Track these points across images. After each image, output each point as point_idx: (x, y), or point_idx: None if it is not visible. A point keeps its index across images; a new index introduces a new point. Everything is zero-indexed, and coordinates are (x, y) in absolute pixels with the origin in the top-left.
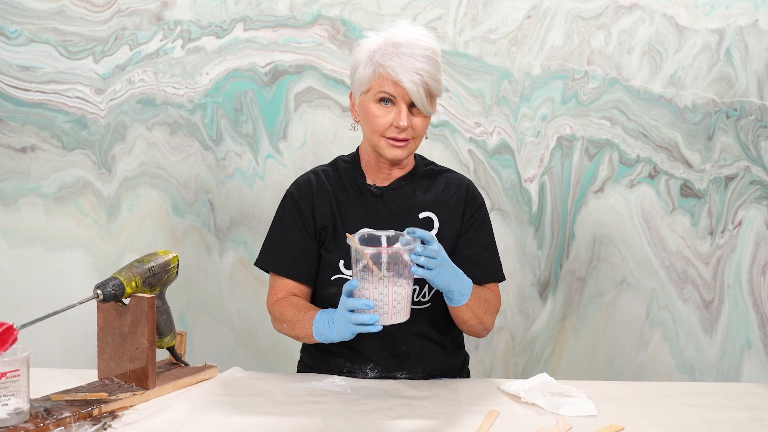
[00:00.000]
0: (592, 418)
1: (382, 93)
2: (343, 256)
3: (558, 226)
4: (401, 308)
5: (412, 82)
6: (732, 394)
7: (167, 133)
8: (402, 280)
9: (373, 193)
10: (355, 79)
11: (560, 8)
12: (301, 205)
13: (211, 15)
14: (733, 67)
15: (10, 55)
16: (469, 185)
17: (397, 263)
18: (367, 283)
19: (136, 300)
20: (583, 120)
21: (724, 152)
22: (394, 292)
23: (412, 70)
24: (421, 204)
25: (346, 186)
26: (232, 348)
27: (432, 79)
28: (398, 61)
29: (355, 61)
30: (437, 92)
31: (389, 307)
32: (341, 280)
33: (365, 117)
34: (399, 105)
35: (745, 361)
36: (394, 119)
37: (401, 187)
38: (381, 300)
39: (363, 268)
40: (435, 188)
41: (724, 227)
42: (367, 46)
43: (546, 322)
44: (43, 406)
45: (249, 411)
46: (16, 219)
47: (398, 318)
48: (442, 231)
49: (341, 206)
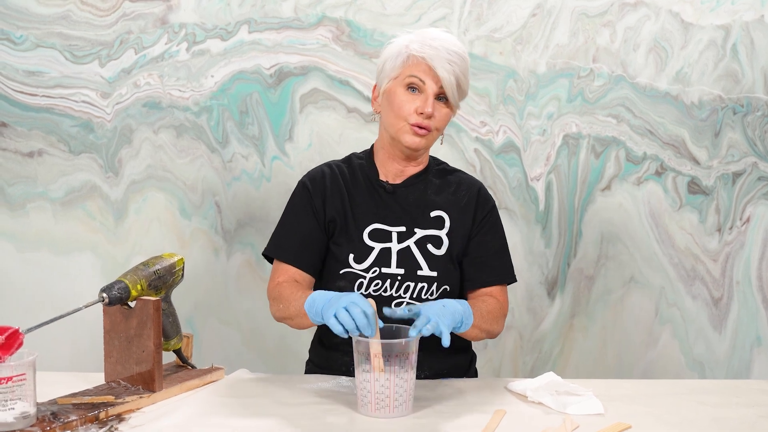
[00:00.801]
0: (599, 417)
1: (412, 78)
2: (352, 250)
3: (565, 225)
4: (403, 401)
5: (445, 70)
6: (741, 391)
7: (173, 136)
8: (404, 373)
9: (386, 189)
10: (384, 69)
11: (565, 6)
12: (313, 194)
13: (215, 18)
14: (739, 63)
15: (17, 60)
16: (481, 187)
17: (399, 355)
18: (368, 375)
19: (142, 303)
20: (589, 118)
21: (732, 148)
22: (396, 385)
23: (446, 60)
24: (433, 203)
25: (359, 181)
26: (239, 350)
27: (462, 74)
28: (435, 51)
29: (386, 55)
30: (465, 89)
31: (390, 399)
32: (350, 274)
33: (390, 103)
34: (426, 93)
35: (755, 358)
36: (420, 105)
37: (414, 184)
38: (382, 393)
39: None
40: (447, 188)
41: (732, 224)
42: (399, 42)
43: (554, 320)
44: (50, 410)
45: (256, 413)
46: (23, 223)
47: (400, 412)
48: (452, 230)
49: (353, 200)
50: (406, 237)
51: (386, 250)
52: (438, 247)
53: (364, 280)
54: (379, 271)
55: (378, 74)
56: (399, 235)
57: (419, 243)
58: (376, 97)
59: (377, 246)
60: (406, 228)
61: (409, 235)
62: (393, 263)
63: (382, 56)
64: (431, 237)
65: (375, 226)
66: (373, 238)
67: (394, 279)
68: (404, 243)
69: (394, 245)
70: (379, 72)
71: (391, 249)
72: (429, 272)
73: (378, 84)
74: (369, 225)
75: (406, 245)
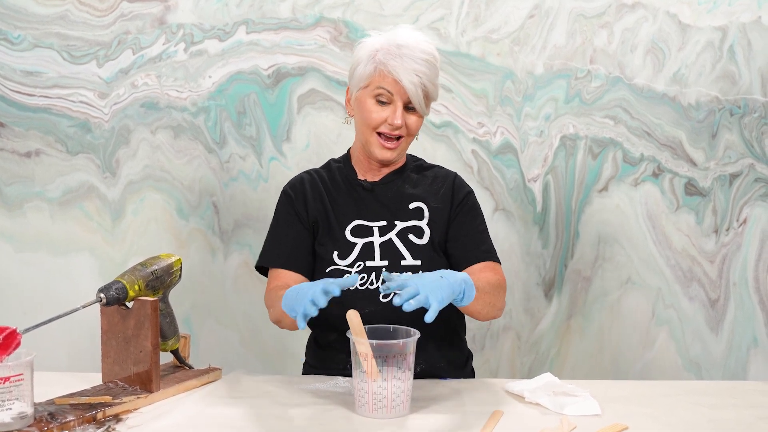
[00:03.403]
0: (596, 418)
1: (380, 90)
2: (336, 248)
3: (562, 226)
4: (401, 402)
5: (411, 82)
6: (737, 392)
7: (171, 136)
8: (402, 374)
9: (364, 187)
10: (354, 75)
11: (562, 7)
12: (295, 200)
13: (213, 18)
14: (736, 64)
15: (14, 60)
16: (456, 176)
17: (396, 356)
18: (365, 375)
19: (140, 303)
20: (586, 119)
21: (729, 150)
22: (394, 386)
23: (413, 72)
24: (411, 195)
25: (338, 183)
26: (237, 350)
27: (430, 82)
28: (400, 62)
29: (356, 58)
30: (433, 95)
31: (388, 400)
32: (336, 271)
33: (360, 111)
34: (395, 103)
35: (752, 359)
36: (389, 117)
37: (392, 181)
38: (379, 393)
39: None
40: (424, 181)
41: (729, 225)
42: (369, 45)
43: (551, 321)
44: (47, 410)
45: (253, 413)
46: (21, 224)
47: (397, 412)
48: (432, 219)
49: (333, 201)
50: (387, 230)
51: (369, 244)
52: (420, 237)
53: (350, 275)
54: (363, 265)
55: (350, 77)
56: (380, 229)
57: (401, 234)
58: (349, 100)
59: (360, 241)
60: (387, 222)
61: (390, 228)
62: (376, 256)
63: (354, 57)
64: (412, 228)
65: (356, 222)
66: (356, 234)
67: (379, 271)
68: (386, 236)
69: (376, 239)
70: (351, 75)
71: (373, 243)
72: (413, 261)
73: (350, 87)
74: (350, 222)
75: (388, 238)
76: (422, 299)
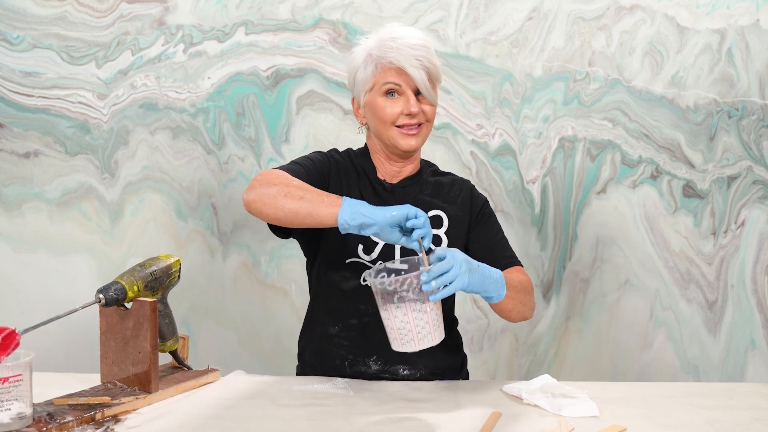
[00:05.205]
0: (594, 419)
1: (387, 84)
2: (361, 241)
3: (561, 228)
4: (427, 333)
5: (413, 66)
6: (735, 394)
7: (170, 137)
8: (420, 305)
9: (384, 187)
10: (355, 82)
11: (561, 10)
12: (332, 169)
13: (212, 19)
14: (734, 67)
15: (13, 60)
16: (473, 186)
17: (415, 288)
18: (388, 313)
19: (138, 304)
20: (584, 121)
21: (727, 152)
22: (415, 318)
23: (412, 56)
24: (429, 203)
25: (362, 176)
26: (235, 351)
27: (431, 63)
28: (398, 52)
29: (353, 66)
30: (437, 77)
31: (413, 333)
32: (355, 264)
33: (374, 113)
34: (406, 93)
35: (750, 361)
36: (404, 106)
37: (410, 185)
38: (404, 327)
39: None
40: (441, 189)
41: (727, 227)
42: (362, 49)
43: (550, 323)
44: (46, 411)
45: (251, 414)
46: (19, 224)
47: (425, 343)
48: (451, 227)
49: (360, 193)
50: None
51: (389, 246)
52: (438, 245)
53: None
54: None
55: (351, 86)
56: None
57: None
58: (357, 109)
59: (381, 240)
60: (409, 258)
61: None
62: (397, 259)
63: (349, 67)
64: None
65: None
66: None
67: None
68: None
69: None
70: (352, 85)
71: (394, 245)
72: None
73: (355, 96)
74: None
75: None
76: (448, 278)
